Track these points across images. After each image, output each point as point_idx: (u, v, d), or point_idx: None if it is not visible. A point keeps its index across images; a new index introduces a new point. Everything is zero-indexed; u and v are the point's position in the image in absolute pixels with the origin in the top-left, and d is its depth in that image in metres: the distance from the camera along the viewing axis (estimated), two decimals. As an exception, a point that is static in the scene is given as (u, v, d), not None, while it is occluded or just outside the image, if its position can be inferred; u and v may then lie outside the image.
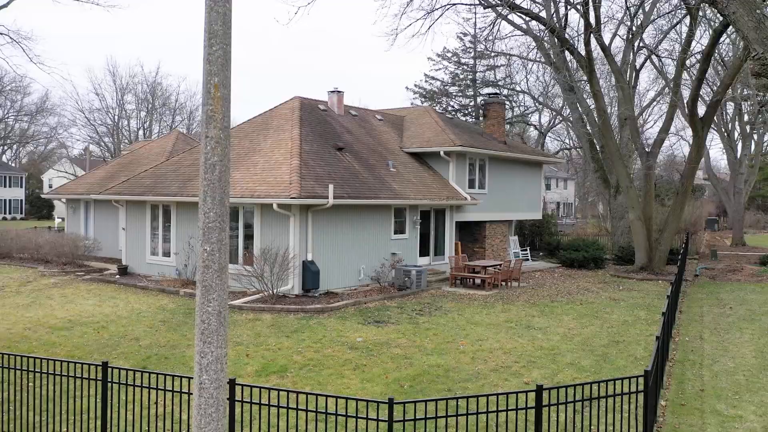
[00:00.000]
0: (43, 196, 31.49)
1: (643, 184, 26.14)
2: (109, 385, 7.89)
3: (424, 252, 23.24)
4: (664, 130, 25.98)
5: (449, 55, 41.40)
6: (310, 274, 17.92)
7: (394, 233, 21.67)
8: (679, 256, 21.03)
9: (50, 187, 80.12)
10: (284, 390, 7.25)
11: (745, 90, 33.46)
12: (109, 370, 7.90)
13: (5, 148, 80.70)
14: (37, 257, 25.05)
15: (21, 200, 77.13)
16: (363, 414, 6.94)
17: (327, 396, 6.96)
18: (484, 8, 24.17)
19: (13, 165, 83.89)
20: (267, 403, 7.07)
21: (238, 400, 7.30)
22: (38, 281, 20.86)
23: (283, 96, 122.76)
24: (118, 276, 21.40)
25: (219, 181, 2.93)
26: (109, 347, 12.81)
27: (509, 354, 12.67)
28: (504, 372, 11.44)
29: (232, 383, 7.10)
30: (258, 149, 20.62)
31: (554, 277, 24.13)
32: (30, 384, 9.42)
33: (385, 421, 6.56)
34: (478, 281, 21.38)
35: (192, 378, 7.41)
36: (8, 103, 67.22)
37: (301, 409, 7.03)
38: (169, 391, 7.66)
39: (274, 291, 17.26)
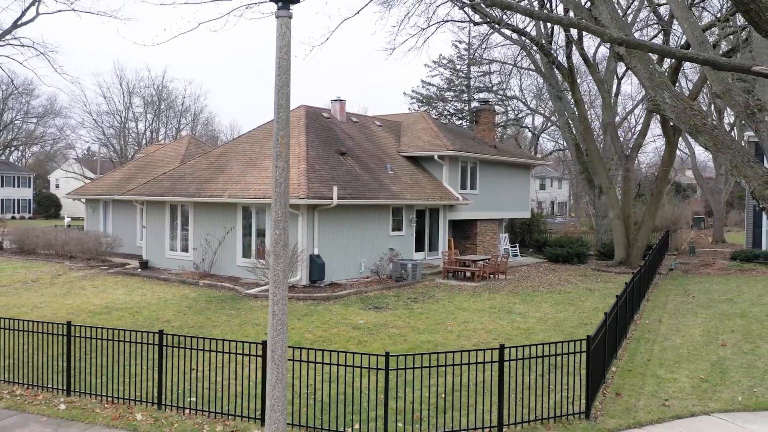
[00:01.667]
0: (65, 196, 33.47)
1: (621, 186, 28.23)
2: (162, 349, 9.95)
3: (419, 247, 25.33)
4: (642, 135, 28.09)
5: (445, 61, 43.51)
6: (316, 266, 19.98)
7: (392, 230, 23.74)
8: (650, 251, 23.08)
9: (57, 186, 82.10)
10: (304, 348, 9.32)
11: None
12: (164, 336, 9.97)
13: (12, 149, 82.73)
14: (61, 253, 27.09)
15: (29, 200, 79.06)
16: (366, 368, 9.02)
17: (338, 352, 9.03)
18: (475, 25, 26.21)
19: (20, 165, 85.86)
20: (292, 358, 9.12)
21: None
22: (68, 274, 22.90)
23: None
24: (140, 269, 23.45)
25: (284, 193, 4.91)
26: (146, 328, 14.82)
27: (490, 333, 14.75)
28: (484, 347, 13.48)
29: (264, 344, 9.20)
30: (268, 154, 22.67)
31: (539, 271, 26.23)
32: (86, 355, 11.48)
33: (382, 369, 8.63)
34: (468, 274, 23.45)
35: (232, 341, 9.49)
36: (18, 105, 69.25)
37: (318, 362, 9.11)
38: (214, 351, 9.72)
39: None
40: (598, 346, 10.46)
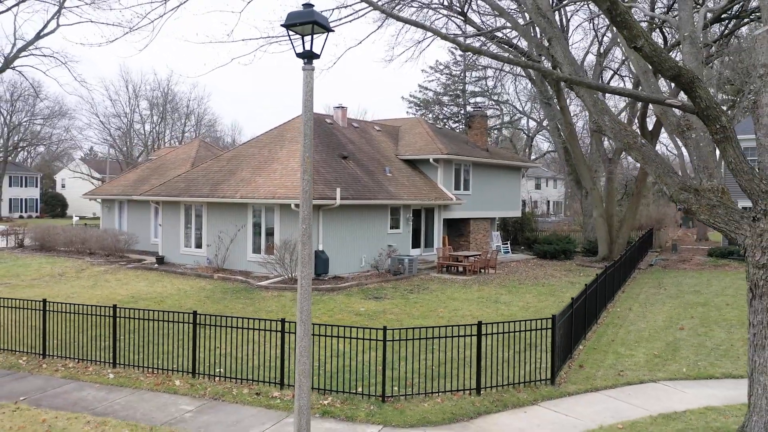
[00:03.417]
0: (82, 197, 35.33)
1: (605, 187, 30.15)
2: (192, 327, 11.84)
3: (415, 244, 27.25)
4: (624, 140, 29.94)
5: (441, 67, 45.42)
6: (321, 261, 21.86)
7: (390, 228, 25.67)
8: (628, 248, 24.98)
9: (63, 186, 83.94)
10: (315, 324, 11.21)
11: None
12: (198, 317, 11.86)
13: (19, 150, 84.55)
14: (81, 250, 28.94)
15: (36, 199, 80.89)
16: (367, 339, 10.90)
17: (346, 327, 10.91)
18: (467, 38, 28.08)
19: (26, 165, 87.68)
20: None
21: (289, 332, 11.29)
22: (91, 269, 24.77)
23: (288, 100, 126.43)
24: (156, 264, 25.32)
25: (309, 197, 6.76)
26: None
27: (476, 318, 16.59)
28: (470, 330, 15.37)
29: (282, 321, 11.10)
30: (276, 158, 24.55)
31: (527, 266, 28.14)
32: (121, 336, 13.35)
33: (381, 340, 10.53)
34: (460, 268, 25.35)
35: (255, 319, 11.35)
36: (26, 107, 71.05)
37: (328, 336, 11.01)
38: (241, 328, 11.62)
39: (292, 274, 21.22)
40: (564, 326, 12.34)
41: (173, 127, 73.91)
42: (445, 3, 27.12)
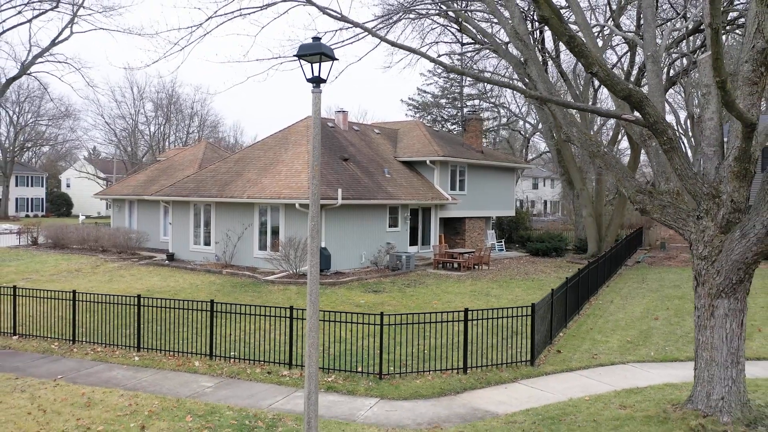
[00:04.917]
0: (93, 197, 36.72)
1: (594, 187, 31.51)
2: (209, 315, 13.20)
3: (413, 242, 28.61)
4: (612, 143, 31.35)
5: (439, 71, 46.72)
6: (323, 257, 23.22)
7: (389, 227, 27.03)
8: (614, 245, 26.34)
9: (68, 186, 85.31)
10: (321, 311, 12.57)
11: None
12: (215, 305, 13.22)
13: (25, 150, 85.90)
14: (94, 247, 30.29)
15: (42, 199, 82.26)
16: (366, 323, 12.26)
17: (348, 313, 12.27)
18: (463, 45, 29.47)
19: (32, 165, 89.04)
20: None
21: (296, 318, 12.65)
22: (105, 265, 26.13)
23: (290, 100, 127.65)
24: (167, 261, 26.68)
25: (317, 199, 8.14)
26: (187, 306, 18.04)
27: (467, 310, 17.98)
28: (459, 318, 16.72)
29: (291, 309, 12.47)
30: (280, 160, 25.91)
31: (520, 263, 29.50)
32: (143, 324, 14.71)
33: (378, 324, 11.90)
34: (455, 265, 26.70)
35: (266, 306, 12.71)
36: (32, 108, 72.42)
37: (331, 321, 12.38)
38: (254, 315, 12.98)
39: (296, 270, 22.59)
40: (544, 314, 13.69)
41: (177, 128, 75.30)
42: (441, 13, 28.47)
